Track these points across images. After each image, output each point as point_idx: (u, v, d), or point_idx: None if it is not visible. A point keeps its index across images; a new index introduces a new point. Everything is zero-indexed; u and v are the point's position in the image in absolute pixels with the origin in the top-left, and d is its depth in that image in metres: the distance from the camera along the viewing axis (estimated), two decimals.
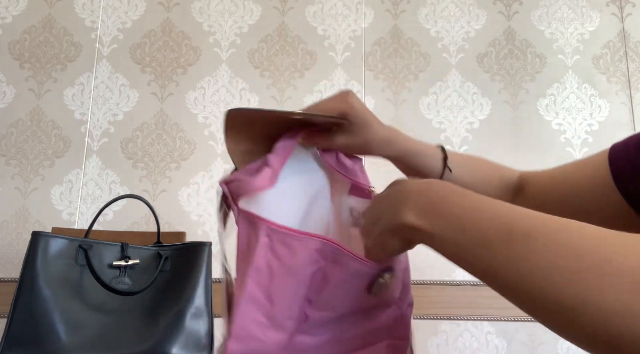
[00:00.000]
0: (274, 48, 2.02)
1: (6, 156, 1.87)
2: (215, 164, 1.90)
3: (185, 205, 1.85)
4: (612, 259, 0.30)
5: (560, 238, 0.32)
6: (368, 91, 1.98)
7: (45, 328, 0.93)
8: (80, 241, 1.02)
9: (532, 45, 2.03)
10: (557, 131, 1.95)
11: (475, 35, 2.04)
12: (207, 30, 2.02)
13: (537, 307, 0.32)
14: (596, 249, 0.31)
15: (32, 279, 0.95)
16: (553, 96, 1.98)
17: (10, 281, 1.74)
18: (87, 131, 1.91)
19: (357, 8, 2.06)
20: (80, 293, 0.98)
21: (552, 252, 0.32)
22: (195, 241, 1.16)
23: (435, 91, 1.99)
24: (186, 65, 1.99)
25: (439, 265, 1.75)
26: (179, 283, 1.06)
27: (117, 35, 2.01)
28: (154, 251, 1.08)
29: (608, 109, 1.97)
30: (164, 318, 1.02)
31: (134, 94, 1.95)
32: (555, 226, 0.34)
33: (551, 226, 0.34)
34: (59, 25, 2.01)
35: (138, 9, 2.03)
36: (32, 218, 1.82)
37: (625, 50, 2.02)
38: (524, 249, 0.33)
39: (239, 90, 1.97)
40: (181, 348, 1.00)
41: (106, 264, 1.03)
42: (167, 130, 1.92)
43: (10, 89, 1.93)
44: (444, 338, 1.77)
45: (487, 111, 1.97)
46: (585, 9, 2.06)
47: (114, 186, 1.86)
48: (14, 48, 1.97)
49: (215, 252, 1.81)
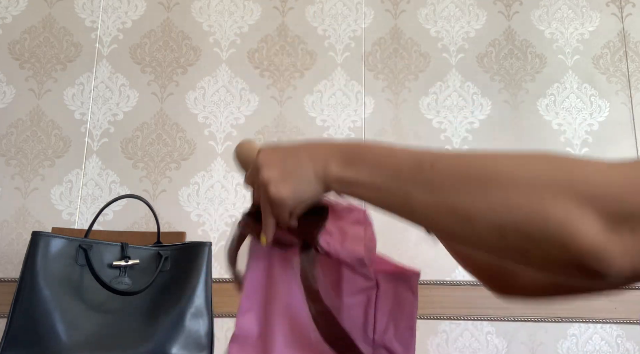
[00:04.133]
0: (274, 48, 2.02)
1: (6, 156, 1.87)
2: (215, 164, 1.90)
3: (185, 205, 1.85)
4: (499, 172, 0.38)
5: (459, 161, 0.40)
6: (368, 91, 1.98)
7: (45, 328, 0.93)
8: (80, 241, 1.02)
9: (532, 45, 2.03)
10: (557, 131, 1.95)
11: (475, 35, 2.04)
12: (207, 30, 2.02)
13: (447, 222, 0.39)
14: (483, 166, 0.39)
15: (32, 279, 0.95)
16: (553, 96, 1.98)
17: (10, 281, 1.74)
18: (87, 131, 1.91)
19: (357, 8, 2.06)
20: (80, 293, 0.98)
21: (454, 170, 0.40)
22: (195, 241, 1.16)
23: (435, 91, 1.99)
24: (186, 65, 1.99)
25: (439, 265, 1.75)
26: (179, 283, 1.06)
27: (117, 35, 2.01)
28: (154, 251, 1.08)
29: (608, 109, 1.97)
30: (164, 318, 1.02)
31: (134, 94, 1.95)
32: (455, 153, 0.41)
33: (452, 153, 0.42)
34: (59, 25, 2.01)
35: (138, 9, 2.03)
36: (32, 218, 1.82)
37: (625, 50, 2.02)
38: (430, 174, 0.40)
39: (239, 90, 1.97)
40: (181, 348, 1.00)
41: (106, 264, 1.03)
42: (167, 130, 1.92)
43: (10, 89, 1.93)
44: (444, 338, 1.77)
45: (487, 111, 1.97)
46: (585, 9, 2.06)
47: (114, 186, 1.86)
48: (14, 48, 1.97)
49: (215, 252, 1.81)
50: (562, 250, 0.34)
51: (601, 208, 0.34)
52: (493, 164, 0.39)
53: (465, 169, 0.39)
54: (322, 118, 1.95)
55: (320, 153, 0.48)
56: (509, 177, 0.37)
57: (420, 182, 0.41)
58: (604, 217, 0.34)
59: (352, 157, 0.46)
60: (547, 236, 0.35)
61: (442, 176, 0.40)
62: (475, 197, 0.37)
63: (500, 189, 0.37)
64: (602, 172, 0.36)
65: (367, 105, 1.97)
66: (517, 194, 0.36)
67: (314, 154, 0.49)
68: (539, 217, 0.35)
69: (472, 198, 0.38)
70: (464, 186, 0.38)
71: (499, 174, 0.37)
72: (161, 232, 1.17)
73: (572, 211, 0.34)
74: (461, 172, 0.39)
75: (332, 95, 1.97)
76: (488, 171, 0.38)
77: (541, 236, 0.35)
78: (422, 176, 0.41)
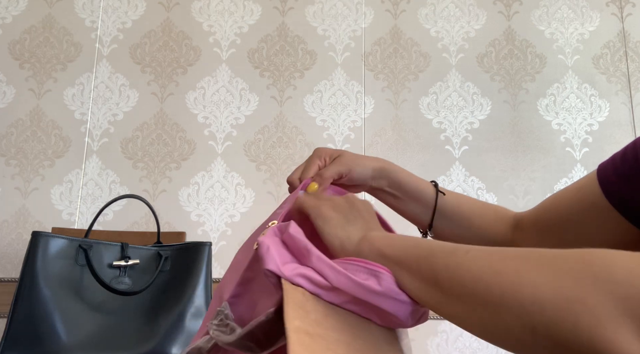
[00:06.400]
0: (274, 48, 2.02)
1: (6, 156, 1.87)
2: (215, 164, 1.90)
3: (185, 205, 1.85)
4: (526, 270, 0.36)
5: (490, 254, 0.39)
6: (368, 90, 1.98)
7: (45, 328, 0.93)
8: (80, 241, 1.02)
9: (532, 45, 2.03)
10: (557, 131, 1.95)
11: (475, 35, 2.04)
12: (207, 30, 2.02)
13: (466, 302, 0.38)
14: (521, 255, 0.37)
15: (32, 279, 0.95)
16: (553, 96, 1.98)
17: (10, 281, 1.74)
18: (87, 131, 1.91)
19: (357, 8, 2.06)
20: (80, 293, 0.98)
21: (483, 260, 0.38)
22: (195, 241, 1.16)
23: (435, 91, 1.99)
24: (186, 65, 1.99)
25: None
26: (179, 283, 1.06)
27: (117, 35, 2.01)
28: (154, 251, 1.08)
29: (608, 109, 1.97)
30: (164, 318, 1.02)
31: (134, 94, 1.95)
32: (489, 248, 0.40)
33: (483, 248, 0.40)
34: (59, 25, 2.01)
35: (138, 9, 2.03)
36: (32, 218, 1.82)
37: (625, 50, 2.02)
38: (464, 258, 0.40)
39: (239, 90, 1.97)
40: (181, 348, 1.00)
41: (106, 264, 1.03)
42: (167, 130, 1.92)
43: (10, 89, 1.93)
44: (444, 338, 1.77)
45: (487, 111, 1.97)
46: (585, 9, 2.06)
47: (114, 186, 1.86)
48: (14, 48, 1.97)
49: (215, 252, 1.81)
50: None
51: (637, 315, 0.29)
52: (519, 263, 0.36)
53: (495, 260, 0.38)
54: (322, 118, 1.95)
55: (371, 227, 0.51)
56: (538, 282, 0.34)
57: (450, 263, 0.40)
58: None
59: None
60: (578, 343, 0.30)
61: (474, 262, 0.39)
62: (503, 288, 0.36)
63: (528, 290, 0.34)
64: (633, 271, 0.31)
65: (367, 105, 1.97)
66: (547, 295, 0.32)
67: (367, 223, 0.51)
68: (569, 321, 0.31)
69: (499, 289, 0.36)
70: (497, 275, 0.37)
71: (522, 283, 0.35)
72: (161, 232, 1.17)
73: (603, 317, 0.30)
74: (489, 261, 0.38)
75: (332, 95, 1.97)
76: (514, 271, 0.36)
77: (572, 342, 0.31)
78: (454, 257, 0.40)
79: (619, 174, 0.57)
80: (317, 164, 0.64)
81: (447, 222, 0.69)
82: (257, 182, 1.89)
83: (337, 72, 1.99)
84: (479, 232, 0.69)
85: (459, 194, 0.71)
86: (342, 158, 0.64)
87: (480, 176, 1.91)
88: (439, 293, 0.40)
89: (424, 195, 0.68)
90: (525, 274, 0.34)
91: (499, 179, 1.91)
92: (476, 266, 0.38)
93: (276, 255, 0.44)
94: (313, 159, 0.65)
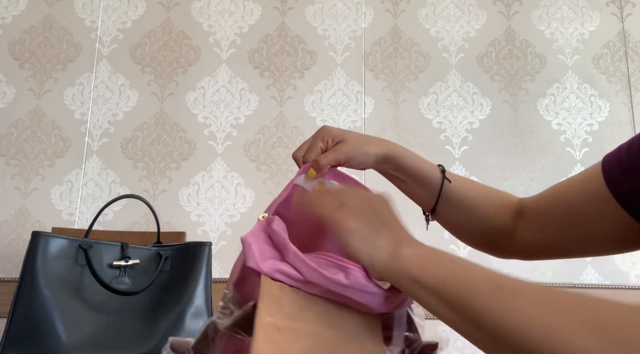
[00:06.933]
0: (274, 48, 2.01)
1: (6, 156, 1.87)
2: (215, 164, 1.90)
3: (185, 205, 1.85)
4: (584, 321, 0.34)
5: (545, 297, 0.37)
6: (368, 90, 1.98)
7: (45, 328, 0.93)
8: (80, 241, 1.02)
9: (532, 45, 2.03)
10: (557, 131, 1.95)
11: (475, 35, 2.04)
12: (207, 30, 2.02)
13: (506, 345, 0.36)
14: (573, 311, 0.35)
15: (32, 279, 0.95)
16: (553, 96, 1.98)
17: (10, 281, 1.74)
18: (87, 131, 1.91)
19: (357, 8, 2.06)
20: (80, 293, 0.98)
21: (536, 308, 0.36)
22: (195, 241, 1.16)
23: (435, 91, 1.99)
24: (186, 65, 1.99)
25: None
26: (179, 283, 1.06)
27: (117, 35, 2.01)
28: (154, 251, 1.08)
29: (608, 109, 1.97)
30: (164, 318, 1.02)
31: (134, 94, 1.95)
32: (539, 287, 0.38)
33: (535, 286, 0.38)
34: (59, 25, 2.00)
35: (138, 9, 2.03)
36: (32, 218, 1.82)
37: (625, 50, 2.02)
38: (512, 301, 0.37)
39: (239, 90, 1.97)
40: None
41: (106, 264, 1.03)
42: (167, 130, 1.92)
43: (10, 89, 1.93)
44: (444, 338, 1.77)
45: (487, 111, 1.97)
46: (585, 9, 2.06)
47: (114, 186, 1.86)
48: (14, 48, 1.97)
49: (215, 252, 1.81)
50: None
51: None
52: (576, 311, 0.35)
53: (548, 309, 0.37)
54: (322, 118, 1.95)
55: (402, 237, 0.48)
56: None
57: (495, 304, 0.38)
58: None
59: None
60: None
61: (523, 309, 0.37)
62: (553, 345, 0.35)
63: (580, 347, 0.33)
64: None
65: (367, 105, 1.97)
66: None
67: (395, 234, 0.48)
68: None
69: (549, 345, 0.35)
70: (548, 329, 0.35)
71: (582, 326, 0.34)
72: (161, 232, 1.17)
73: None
74: (543, 309, 0.37)
75: (332, 95, 1.97)
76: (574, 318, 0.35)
77: None
78: (501, 297, 0.38)
79: (622, 168, 0.57)
80: (319, 145, 0.63)
81: (450, 208, 0.69)
82: (257, 182, 1.89)
83: (337, 72, 1.99)
84: (481, 218, 0.70)
85: (465, 180, 0.71)
86: (343, 145, 0.63)
87: (480, 176, 1.91)
88: (476, 331, 0.40)
89: (430, 181, 0.68)
90: (578, 341, 0.33)
91: (499, 179, 1.91)
92: (524, 317, 0.36)
93: (256, 252, 0.46)
94: (316, 139, 0.64)
